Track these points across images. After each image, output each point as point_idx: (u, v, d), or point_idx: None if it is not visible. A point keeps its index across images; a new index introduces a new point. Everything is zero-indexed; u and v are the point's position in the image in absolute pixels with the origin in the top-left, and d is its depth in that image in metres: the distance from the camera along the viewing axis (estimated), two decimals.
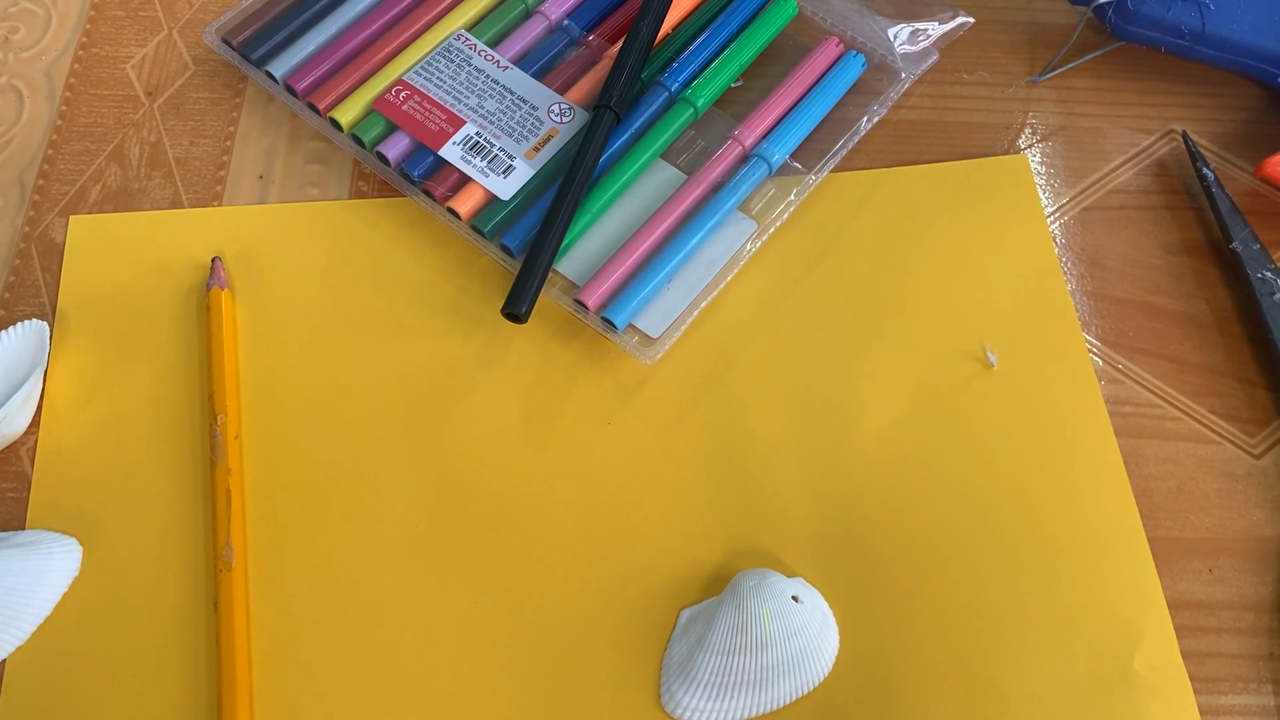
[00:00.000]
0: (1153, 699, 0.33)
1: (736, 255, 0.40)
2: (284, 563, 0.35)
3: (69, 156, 0.44)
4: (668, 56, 0.44)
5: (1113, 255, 0.41)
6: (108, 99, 0.45)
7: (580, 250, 0.40)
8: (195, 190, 0.43)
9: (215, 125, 0.45)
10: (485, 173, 0.41)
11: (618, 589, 0.35)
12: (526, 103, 0.43)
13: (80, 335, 0.39)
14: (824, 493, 0.36)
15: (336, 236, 0.42)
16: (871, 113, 0.43)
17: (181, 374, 0.39)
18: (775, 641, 0.33)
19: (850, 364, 0.39)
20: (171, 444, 0.37)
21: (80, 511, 0.36)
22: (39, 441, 0.37)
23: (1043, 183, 0.43)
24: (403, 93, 0.42)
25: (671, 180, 0.42)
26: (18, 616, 0.34)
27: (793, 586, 0.33)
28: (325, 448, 0.37)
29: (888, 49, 0.45)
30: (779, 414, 0.38)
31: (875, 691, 0.33)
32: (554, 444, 0.37)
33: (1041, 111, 0.45)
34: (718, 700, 0.32)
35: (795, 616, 0.33)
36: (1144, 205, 0.42)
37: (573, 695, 0.33)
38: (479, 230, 0.40)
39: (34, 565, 0.34)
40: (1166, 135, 0.44)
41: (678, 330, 0.39)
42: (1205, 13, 0.43)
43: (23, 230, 0.42)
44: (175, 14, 0.48)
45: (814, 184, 0.41)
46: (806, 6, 0.46)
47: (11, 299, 0.40)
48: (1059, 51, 0.45)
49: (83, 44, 0.47)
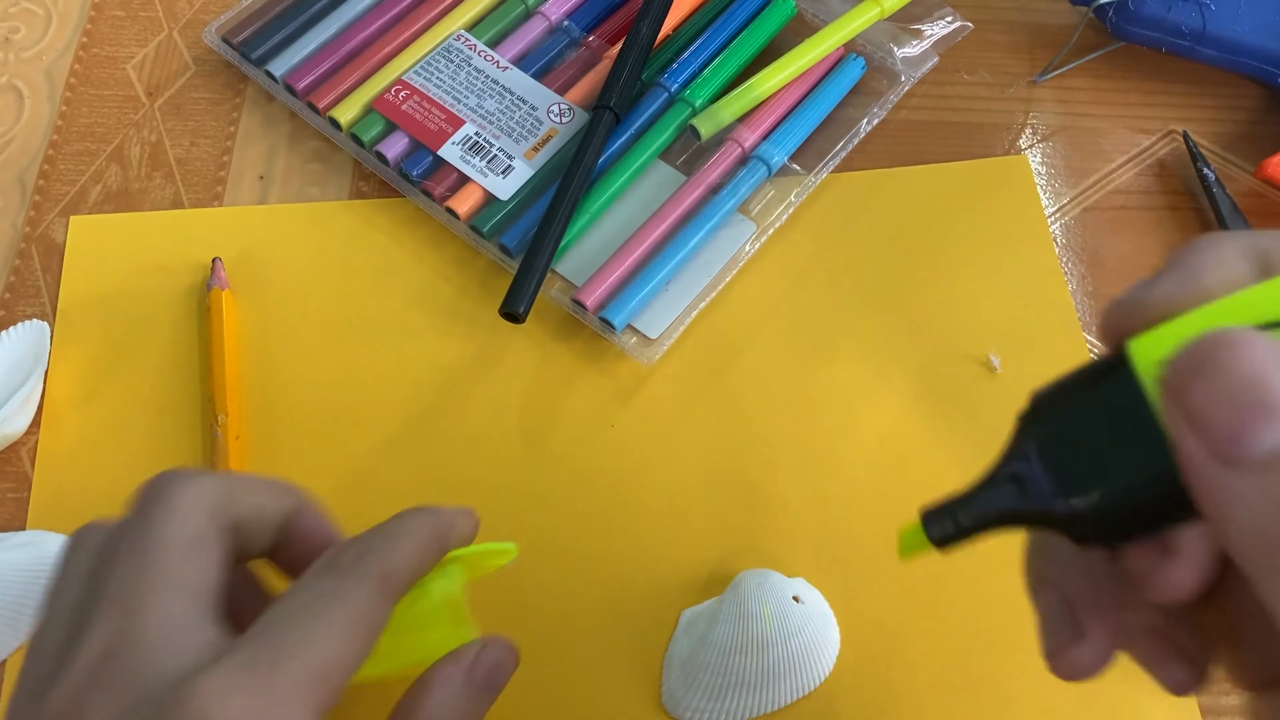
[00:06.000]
0: (1154, 699, 0.33)
1: (735, 256, 0.40)
2: None
3: (69, 157, 0.44)
4: (667, 57, 0.44)
5: (1113, 255, 0.41)
6: (108, 99, 0.45)
7: (579, 250, 0.40)
8: (196, 190, 0.43)
9: (216, 125, 0.45)
10: (484, 173, 0.41)
11: (618, 589, 0.35)
12: (526, 103, 0.43)
13: (81, 336, 0.39)
14: (825, 493, 0.36)
15: (336, 236, 0.42)
16: (871, 115, 0.43)
17: (182, 374, 0.39)
18: (776, 641, 0.33)
19: (851, 365, 0.38)
20: (172, 444, 0.37)
21: (80, 511, 0.36)
22: (39, 442, 0.37)
23: (1043, 183, 0.43)
24: (402, 92, 0.42)
25: (670, 181, 0.42)
26: (18, 617, 0.34)
27: (794, 586, 0.33)
28: (325, 448, 0.37)
29: (887, 52, 0.45)
30: (779, 414, 0.38)
31: (876, 691, 0.33)
32: (552, 443, 0.37)
33: (1042, 112, 0.45)
34: (719, 700, 0.32)
35: (796, 616, 0.33)
36: (1145, 206, 0.42)
37: (574, 695, 0.33)
38: (478, 230, 0.40)
39: (34, 565, 0.34)
40: (1167, 135, 0.44)
41: (676, 331, 0.39)
42: (1206, 13, 0.42)
43: (23, 230, 0.42)
44: (175, 14, 0.48)
45: (813, 186, 0.41)
46: (806, 8, 0.46)
47: (12, 299, 0.41)
48: (1060, 52, 0.45)
49: (83, 44, 0.47)
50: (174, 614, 0.22)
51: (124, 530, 0.24)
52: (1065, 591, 0.20)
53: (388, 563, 0.24)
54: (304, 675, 0.21)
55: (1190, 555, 0.18)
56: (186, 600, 0.23)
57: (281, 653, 0.22)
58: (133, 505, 0.25)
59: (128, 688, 0.22)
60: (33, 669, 0.23)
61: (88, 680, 0.22)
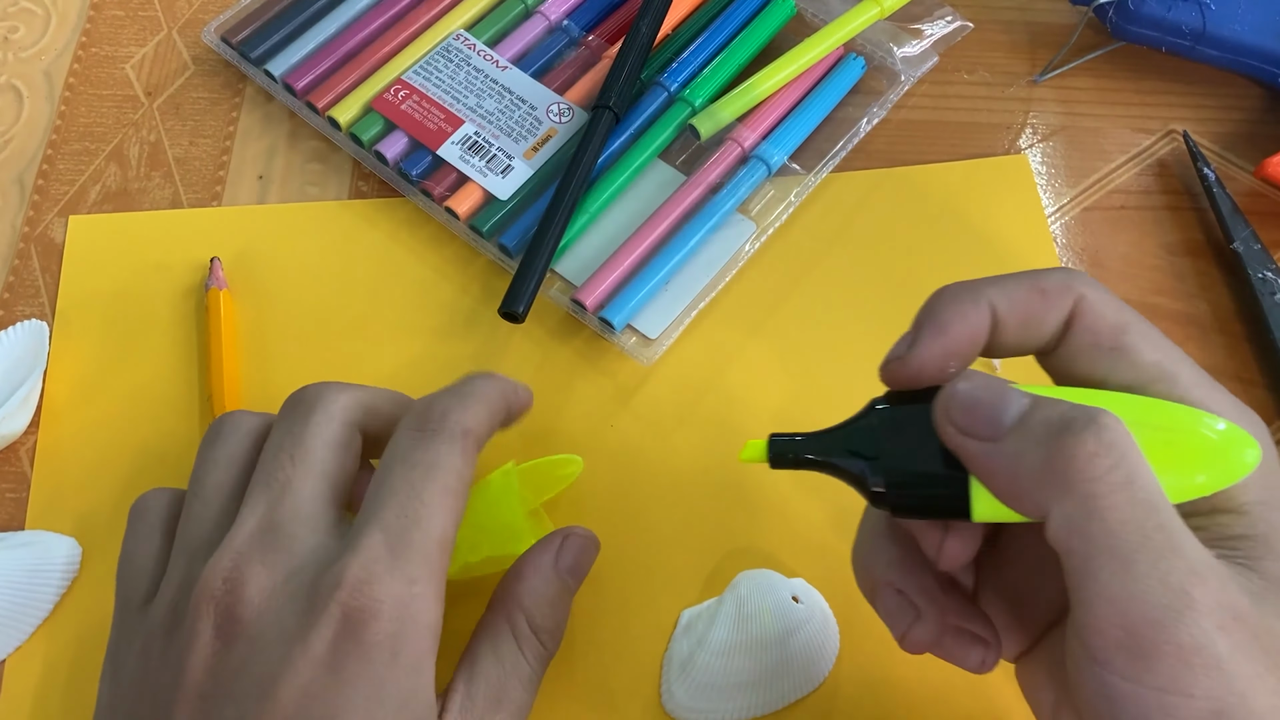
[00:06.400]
0: None
1: (735, 256, 0.40)
2: None
3: (68, 156, 0.44)
4: (667, 57, 0.44)
5: (1113, 255, 0.41)
6: (107, 99, 0.45)
7: (578, 250, 0.40)
8: (195, 190, 0.43)
9: (215, 125, 0.45)
10: (484, 172, 0.41)
11: (617, 589, 0.35)
12: (525, 102, 0.42)
13: (80, 335, 0.39)
14: (824, 492, 0.36)
15: (335, 236, 0.42)
16: (871, 114, 0.43)
17: (181, 374, 0.39)
18: (775, 642, 0.32)
19: (850, 365, 0.38)
20: (171, 445, 0.37)
21: (80, 512, 0.36)
22: (38, 442, 0.37)
23: (1043, 183, 0.43)
24: (401, 92, 0.42)
25: (670, 181, 0.42)
26: (18, 616, 0.34)
27: (792, 587, 0.33)
28: None
29: (887, 51, 0.45)
30: (779, 415, 0.38)
31: (876, 691, 0.33)
32: (552, 443, 0.37)
33: (1042, 111, 0.45)
34: (718, 701, 0.32)
35: (795, 616, 0.33)
36: (1145, 205, 0.42)
37: (573, 694, 0.33)
38: (477, 230, 0.40)
39: (34, 565, 0.34)
40: (1167, 135, 0.44)
41: (676, 331, 0.39)
42: (1206, 12, 0.42)
43: (22, 230, 0.42)
44: (175, 14, 0.48)
45: (813, 185, 0.41)
46: (806, 8, 0.46)
47: (11, 299, 0.40)
48: (1059, 51, 0.45)
49: (82, 44, 0.47)
50: (319, 499, 0.26)
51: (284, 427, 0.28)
52: (899, 585, 0.26)
53: (467, 420, 0.27)
54: (428, 550, 0.25)
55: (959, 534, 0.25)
56: (329, 489, 0.27)
57: (404, 535, 0.25)
58: (288, 409, 0.29)
59: (281, 560, 0.25)
60: (195, 529, 0.27)
61: (248, 547, 0.25)
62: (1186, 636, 0.20)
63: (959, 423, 0.23)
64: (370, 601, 0.24)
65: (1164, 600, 0.20)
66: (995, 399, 0.23)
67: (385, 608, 0.24)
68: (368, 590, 0.24)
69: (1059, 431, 0.21)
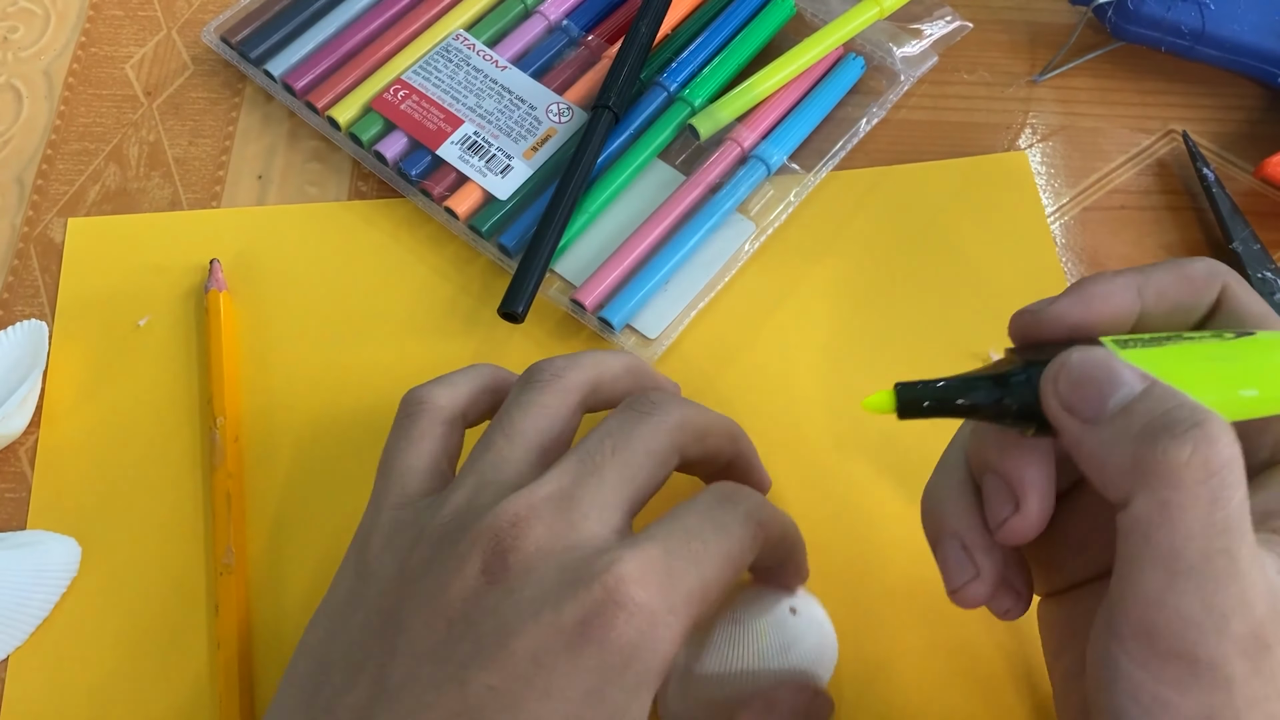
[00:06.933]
0: None
1: (735, 256, 0.40)
2: (284, 565, 0.35)
3: (67, 156, 0.44)
4: (666, 57, 0.44)
5: (1113, 255, 0.41)
6: (106, 99, 0.45)
7: (578, 250, 0.40)
8: (194, 189, 0.43)
9: (214, 125, 0.45)
10: (483, 172, 0.41)
11: None
12: (525, 102, 0.42)
13: (79, 336, 0.39)
14: (824, 495, 0.36)
15: (335, 237, 0.42)
16: (870, 114, 0.43)
17: (180, 376, 0.39)
18: (773, 656, 0.32)
19: (849, 364, 0.38)
20: (171, 446, 0.37)
21: (80, 512, 0.36)
22: (38, 442, 0.37)
23: (1043, 182, 0.43)
24: (401, 92, 0.42)
25: (669, 181, 0.42)
26: (18, 616, 0.34)
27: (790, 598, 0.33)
28: (325, 449, 0.37)
29: (887, 51, 0.45)
30: (778, 415, 0.38)
31: (875, 701, 0.33)
32: None
33: (1041, 111, 0.45)
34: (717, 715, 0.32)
35: (793, 630, 0.32)
36: (1144, 205, 0.42)
37: None
38: (476, 230, 0.40)
39: (34, 565, 0.34)
40: (1167, 135, 0.44)
41: (675, 331, 0.39)
42: (1205, 12, 0.42)
43: (21, 230, 0.42)
44: (174, 13, 0.48)
45: (813, 185, 0.41)
46: (805, 8, 0.46)
47: (10, 299, 0.41)
48: (1059, 51, 0.45)
49: (81, 44, 0.47)
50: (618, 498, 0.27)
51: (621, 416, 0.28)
52: (965, 540, 0.26)
53: (763, 516, 0.28)
54: (694, 593, 0.25)
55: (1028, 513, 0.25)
56: (630, 494, 0.27)
57: (684, 568, 0.25)
58: (629, 403, 0.29)
59: (565, 531, 0.26)
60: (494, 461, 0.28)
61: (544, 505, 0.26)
62: (1205, 653, 0.20)
63: (1063, 396, 0.23)
64: (628, 600, 0.24)
65: (1199, 619, 0.20)
66: (1105, 378, 0.22)
67: (637, 617, 0.24)
68: (629, 590, 0.24)
69: (1159, 431, 0.21)
